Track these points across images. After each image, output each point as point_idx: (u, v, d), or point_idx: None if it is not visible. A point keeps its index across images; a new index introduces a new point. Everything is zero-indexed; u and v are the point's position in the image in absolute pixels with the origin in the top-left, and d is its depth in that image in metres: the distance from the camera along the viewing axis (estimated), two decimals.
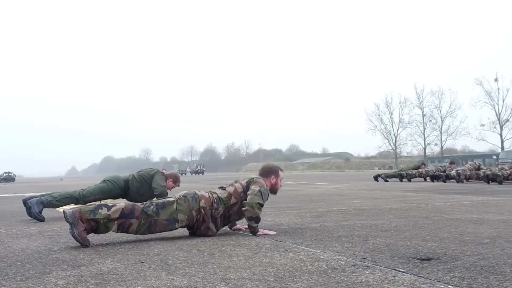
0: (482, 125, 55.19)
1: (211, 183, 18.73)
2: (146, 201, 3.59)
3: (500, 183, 11.74)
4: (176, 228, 3.46)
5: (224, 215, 3.57)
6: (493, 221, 4.15)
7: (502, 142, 53.72)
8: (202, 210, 3.45)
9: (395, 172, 16.30)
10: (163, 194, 5.33)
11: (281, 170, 3.93)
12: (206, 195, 3.53)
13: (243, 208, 3.47)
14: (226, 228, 3.94)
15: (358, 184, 13.66)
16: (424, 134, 61.29)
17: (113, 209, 3.23)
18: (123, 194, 5.57)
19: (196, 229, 3.50)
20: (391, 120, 63.33)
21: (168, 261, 2.61)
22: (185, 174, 69.52)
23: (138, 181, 5.52)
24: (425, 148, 61.49)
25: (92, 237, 3.48)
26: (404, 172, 15.43)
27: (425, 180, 15.12)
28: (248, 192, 3.54)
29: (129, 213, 3.26)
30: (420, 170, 15.44)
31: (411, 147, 65.81)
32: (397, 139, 63.50)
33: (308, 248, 2.92)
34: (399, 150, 64.88)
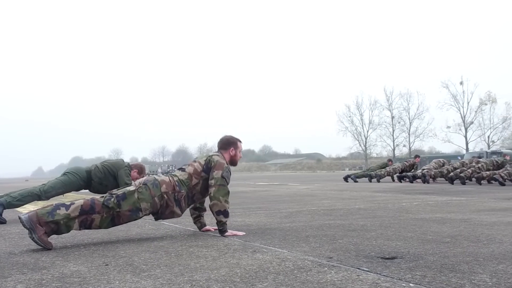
0: (448, 127, 56.91)
1: None
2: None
3: (463, 183, 12.15)
4: (140, 217, 3.38)
5: (188, 196, 3.53)
6: (455, 220, 4.29)
7: (467, 143, 55.57)
8: (165, 195, 3.40)
9: (364, 172, 16.63)
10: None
11: (240, 141, 3.88)
12: (167, 179, 3.48)
13: (210, 203, 3.45)
14: (195, 229, 3.92)
15: (329, 185, 13.84)
16: (393, 135, 62.66)
17: (72, 207, 3.13)
18: (85, 185, 5.30)
19: (161, 214, 3.45)
20: (362, 122, 64.36)
21: (133, 263, 2.57)
22: (156, 174, 68.62)
23: (102, 172, 5.27)
24: (394, 149, 62.86)
25: (55, 239, 3.39)
26: (373, 172, 15.74)
27: (393, 180, 15.47)
28: (210, 182, 3.49)
29: (89, 209, 3.17)
30: (387, 168, 15.79)
31: (380, 148, 67.00)
32: (367, 140, 64.64)
33: (276, 249, 2.94)
34: (369, 151, 66.06)
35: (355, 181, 15.61)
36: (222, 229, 3.50)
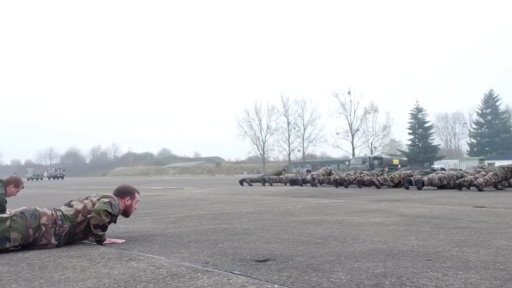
0: (337, 133, 61.55)
1: (71, 189, 17.33)
2: None
3: (346, 187, 13.21)
4: (7, 248, 3.08)
5: (70, 233, 3.33)
6: (330, 222, 4.64)
7: (353, 149, 60.57)
8: (43, 227, 3.17)
9: (259, 177, 17.21)
10: (1, 203, 4.75)
11: (138, 193, 3.78)
12: (49, 212, 3.26)
13: (89, 215, 3.28)
14: None
15: (224, 189, 14.01)
16: (289, 140, 65.74)
17: None
18: None
19: (32, 246, 3.19)
20: (260, 127, 66.55)
21: None
22: (41, 179, 63.15)
23: None
24: (289, 154, 65.95)
25: None
26: (266, 177, 16.35)
27: (285, 184, 16.20)
28: (96, 202, 3.37)
29: None
30: (281, 176, 16.54)
31: (277, 152, 69.93)
32: (265, 145, 66.94)
33: (154, 256, 2.89)
34: (266, 155, 68.46)
35: (250, 185, 16.03)
36: (99, 240, 3.34)
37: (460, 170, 12.71)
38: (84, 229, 3.39)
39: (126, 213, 3.68)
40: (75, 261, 2.74)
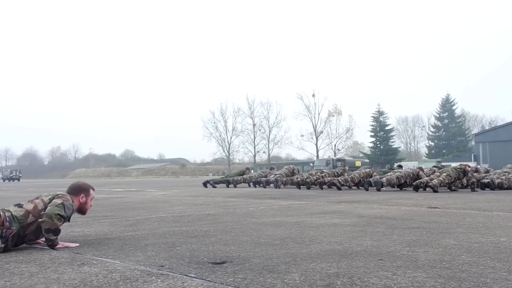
0: (302, 135, 62.32)
1: (27, 191, 16.66)
2: None
3: (308, 188, 13.40)
4: None
5: (19, 234, 3.21)
6: (290, 223, 4.69)
7: (317, 151, 61.50)
8: None
9: (222, 178, 17.19)
10: None
11: (93, 189, 3.71)
12: None
13: (40, 219, 3.17)
14: None
15: (187, 190, 13.88)
16: (254, 142, 65.91)
17: None
18: None
19: None
20: (226, 128, 66.37)
21: None
22: None
23: None
24: (255, 155, 66.13)
25: None
26: (230, 178, 16.34)
27: (249, 185, 16.24)
28: (48, 204, 3.26)
29: None
30: (244, 176, 16.58)
31: (242, 154, 69.95)
32: (230, 147, 66.82)
33: (108, 260, 2.83)
34: (232, 157, 68.38)
35: (214, 187, 15.96)
36: (51, 244, 3.23)
37: (416, 168, 13.15)
38: (35, 230, 3.27)
39: (81, 210, 3.60)
40: (24, 266, 2.64)
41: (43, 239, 3.35)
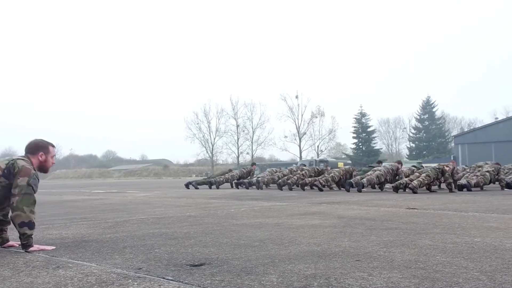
0: (286, 136, 62.55)
1: None
2: None
3: (290, 189, 13.48)
4: None
5: None
6: (270, 224, 4.70)
7: (301, 152, 61.85)
8: None
9: (205, 179, 17.14)
10: None
11: (53, 146, 3.56)
12: None
13: (12, 214, 3.10)
14: None
15: (169, 192, 13.78)
16: (237, 143, 65.88)
17: None
18: None
19: None
20: (209, 129, 66.13)
21: None
22: None
23: None
24: (238, 157, 66.08)
25: None
26: (212, 179, 16.30)
27: (232, 186, 16.23)
28: (14, 191, 3.14)
29: None
30: (226, 175, 16.57)
31: (226, 155, 69.81)
32: (214, 147, 66.64)
33: (84, 263, 2.79)
34: (215, 158, 68.19)
35: (196, 188, 15.89)
36: (26, 243, 3.17)
37: (394, 163, 13.31)
38: None
39: (42, 168, 3.47)
40: None
41: (19, 242, 3.28)
